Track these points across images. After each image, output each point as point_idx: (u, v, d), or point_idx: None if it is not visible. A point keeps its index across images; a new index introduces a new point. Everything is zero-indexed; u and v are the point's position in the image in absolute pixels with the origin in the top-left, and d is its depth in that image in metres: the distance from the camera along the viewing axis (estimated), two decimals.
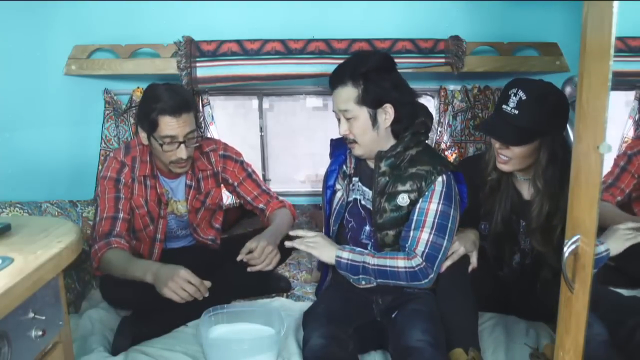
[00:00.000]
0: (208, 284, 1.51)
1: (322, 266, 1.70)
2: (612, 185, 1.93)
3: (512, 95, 1.47)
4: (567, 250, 0.92)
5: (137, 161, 1.76)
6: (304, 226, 2.36)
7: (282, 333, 1.46)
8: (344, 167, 1.65)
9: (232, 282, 1.79)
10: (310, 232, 1.59)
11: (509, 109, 1.47)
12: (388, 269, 1.46)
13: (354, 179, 1.63)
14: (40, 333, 0.94)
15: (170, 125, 1.62)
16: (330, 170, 1.68)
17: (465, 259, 1.54)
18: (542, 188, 1.53)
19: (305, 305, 1.70)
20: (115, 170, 1.74)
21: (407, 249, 1.48)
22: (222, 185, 1.92)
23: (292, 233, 1.59)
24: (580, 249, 0.92)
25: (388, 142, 1.53)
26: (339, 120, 1.55)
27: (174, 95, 1.63)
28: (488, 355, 1.48)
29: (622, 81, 2.22)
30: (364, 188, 1.60)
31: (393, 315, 1.51)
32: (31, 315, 0.92)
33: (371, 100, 1.47)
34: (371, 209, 1.55)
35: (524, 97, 1.45)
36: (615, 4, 0.78)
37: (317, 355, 1.34)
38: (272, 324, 1.53)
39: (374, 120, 1.49)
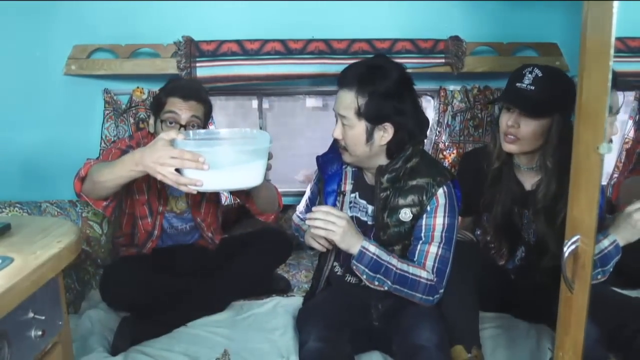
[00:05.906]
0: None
1: (316, 272, 1.67)
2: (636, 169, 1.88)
3: (527, 73, 1.50)
4: (567, 250, 0.92)
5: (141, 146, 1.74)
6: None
7: (270, 144, 1.36)
8: (341, 184, 1.56)
9: (232, 283, 1.79)
10: (335, 211, 1.38)
11: (524, 85, 1.50)
12: (410, 276, 1.41)
13: (352, 195, 1.56)
14: (40, 333, 0.94)
15: (175, 104, 1.62)
16: (328, 192, 1.56)
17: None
18: (551, 166, 1.51)
19: None
20: (125, 145, 1.70)
21: (416, 262, 1.45)
22: None
23: (315, 208, 1.38)
24: (580, 249, 0.92)
25: (380, 158, 1.46)
26: (337, 120, 1.47)
27: (189, 83, 1.66)
28: (488, 355, 1.49)
29: (622, 81, 2.20)
30: (364, 202, 1.54)
31: (396, 317, 1.49)
32: (31, 315, 0.92)
33: (371, 117, 1.38)
34: (370, 224, 1.52)
35: (539, 74, 1.48)
36: (615, 4, 0.78)
37: (314, 357, 1.34)
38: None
39: (370, 135, 1.40)
